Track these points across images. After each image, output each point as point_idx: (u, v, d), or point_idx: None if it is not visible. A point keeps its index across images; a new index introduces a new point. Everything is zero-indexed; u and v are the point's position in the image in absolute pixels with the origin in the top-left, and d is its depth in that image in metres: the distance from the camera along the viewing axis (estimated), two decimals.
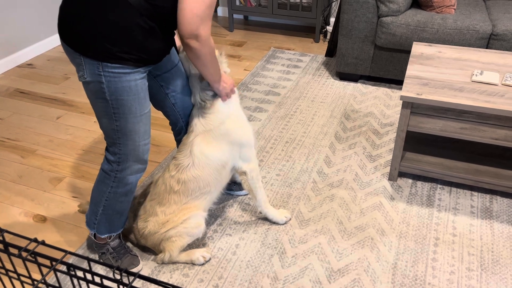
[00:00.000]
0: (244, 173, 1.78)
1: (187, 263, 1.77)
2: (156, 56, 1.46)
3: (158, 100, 1.74)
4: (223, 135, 1.67)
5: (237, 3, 3.93)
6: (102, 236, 1.73)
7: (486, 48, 2.64)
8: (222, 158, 1.69)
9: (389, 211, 2.02)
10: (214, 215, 2.01)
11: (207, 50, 1.42)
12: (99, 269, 1.76)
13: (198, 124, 1.67)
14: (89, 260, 0.83)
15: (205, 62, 1.46)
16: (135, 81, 1.43)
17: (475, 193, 2.11)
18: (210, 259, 1.79)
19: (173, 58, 1.68)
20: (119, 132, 1.50)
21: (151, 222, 1.72)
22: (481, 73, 2.03)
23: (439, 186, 2.16)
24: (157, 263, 1.77)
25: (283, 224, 1.95)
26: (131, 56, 1.38)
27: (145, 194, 1.81)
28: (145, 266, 1.78)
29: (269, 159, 2.37)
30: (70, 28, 1.36)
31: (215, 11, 4.45)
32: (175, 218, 1.69)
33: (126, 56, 1.37)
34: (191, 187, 1.67)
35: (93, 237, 1.75)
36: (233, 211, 2.03)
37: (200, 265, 1.77)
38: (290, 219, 1.97)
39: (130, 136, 1.52)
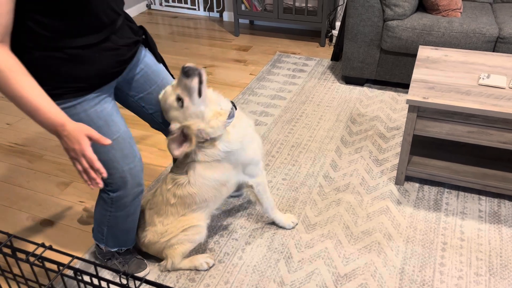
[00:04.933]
0: (251, 186, 1.75)
1: (191, 270, 1.77)
2: (100, 78, 1.33)
3: (144, 118, 1.64)
4: (222, 163, 1.60)
5: (243, 8, 3.95)
6: (112, 250, 1.71)
7: (493, 51, 2.63)
8: (222, 178, 1.63)
9: (396, 216, 2.01)
10: (220, 220, 2.01)
11: None
12: (106, 274, 1.76)
13: (193, 153, 1.58)
14: (95, 265, 0.83)
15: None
16: (85, 112, 1.34)
17: (483, 197, 2.10)
18: (214, 264, 1.79)
19: (153, 77, 1.57)
20: (101, 161, 1.39)
21: (149, 232, 1.71)
22: (488, 77, 2.02)
23: (446, 190, 2.15)
24: (161, 271, 1.77)
25: (290, 229, 1.94)
26: (65, 89, 1.28)
27: (146, 201, 1.81)
28: (151, 271, 1.78)
29: (275, 163, 2.36)
30: None
31: (221, 15, 4.48)
32: (174, 229, 1.69)
33: (60, 91, 1.28)
34: (187, 202, 1.65)
35: (102, 249, 1.74)
36: (239, 216, 2.03)
37: (204, 270, 1.77)
38: (297, 224, 1.97)
39: (110, 165, 1.42)
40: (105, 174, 1.23)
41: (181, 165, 1.64)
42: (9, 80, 1.12)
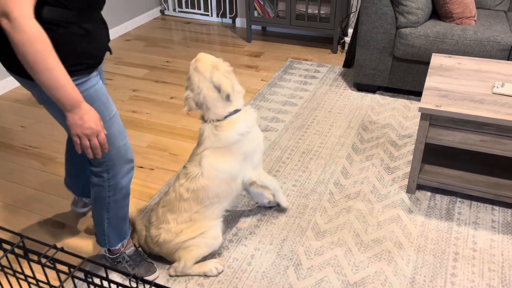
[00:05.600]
0: (254, 182, 1.78)
1: (199, 275, 1.77)
2: (102, 54, 1.42)
3: None
4: (234, 151, 1.67)
5: (256, 14, 3.97)
6: (116, 247, 1.73)
7: (507, 60, 2.60)
8: (232, 171, 1.69)
9: (407, 224, 1.99)
10: (230, 225, 2.01)
11: (22, 38, 1.12)
12: (116, 276, 1.77)
13: (208, 139, 1.66)
14: (106, 267, 0.84)
15: (23, 55, 1.15)
16: (93, 87, 1.40)
17: (496, 207, 2.07)
18: (222, 270, 1.79)
19: (101, 72, 1.65)
20: None
21: (163, 230, 1.72)
22: (502, 85, 1.99)
23: (458, 199, 2.12)
24: (170, 275, 1.77)
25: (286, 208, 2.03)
26: (81, 66, 1.34)
27: (158, 200, 1.82)
28: (160, 275, 1.79)
29: (285, 169, 2.36)
30: (14, 58, 1.28)
31: (233, 21, 4.50)
32: (189, 230, 1.70)
33: (77, 68, 1.33)
34: (200, 196, 1.67)
35: (107, 254, 1.76)
36: (249, 221, 2.03)
37: (213, 276, 1.77)
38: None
39: (109, 141, 1.48)
40: (106, 151, 1.38)
41: (193, 158, 1.69)
42: (45, 50, 1.15)
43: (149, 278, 1.76)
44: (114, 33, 4.19)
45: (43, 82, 1.19)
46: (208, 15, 4.61)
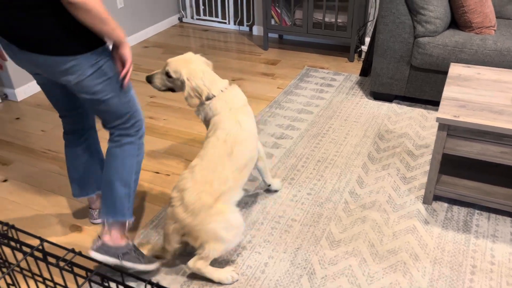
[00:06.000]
0: (259, 151, 2.03)
1: (213, 281, 1.77)
2: None
3: (73, 103, 1.81)
4: (249, 111, 1.89)
5: (273, 22, 3.99)
6: (131, 219, 1.78)
7: None
8: (255, 127, 1.89)
9: (423, 236, 1.96)
10: (244, 232, 2.02)
11: (94, 2, 1.37)
12: (130, 281, 1.79)
13: (231, 101, 1.84)
14: (122, 272, 0.85)
15: (97, 14, 1.39)
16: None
17: None
18: (237, 280, 1.78)
19: None
20: (131, 101, 1.66)
21: (205, 193, 1.68)
22: None
23: (476, 211, 2.09)
24: (188, 266, 1.73)
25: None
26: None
27: (193, 166, 1.81)
28: (174, 281, 1.80)
29: (300, 177, 2.36)
30: (55, 37, 1.43)
31: (251, 29, 4.54)
32: (225, 198, 1.71)
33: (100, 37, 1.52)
34: (240, 152, 1.77)
35: (112, 246, 1.73)
36: (263, 229, 2.03)
37: (228, 284, 1.77)
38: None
39: (136, 99, 1.70)
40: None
41: (226, 120, 1.79)
42: (102, 5, 1.40)
43: (151, 267, 1.76)
44: (133, 40, 4.25)
45: (110, 26, 1.44)
46: (225, 22, 4.65)
